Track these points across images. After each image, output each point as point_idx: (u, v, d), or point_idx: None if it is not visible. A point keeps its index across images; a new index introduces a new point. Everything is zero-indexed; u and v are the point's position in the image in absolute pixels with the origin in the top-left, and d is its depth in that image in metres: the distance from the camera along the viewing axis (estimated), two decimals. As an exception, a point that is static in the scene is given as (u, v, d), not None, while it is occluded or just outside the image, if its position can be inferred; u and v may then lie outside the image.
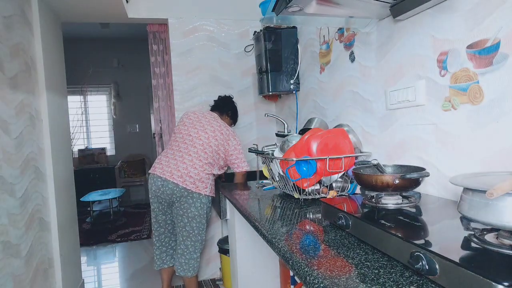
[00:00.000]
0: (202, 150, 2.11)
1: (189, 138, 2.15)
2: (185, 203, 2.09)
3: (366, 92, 1.54)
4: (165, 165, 2.11)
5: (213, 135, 2.14)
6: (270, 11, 1.26)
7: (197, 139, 2.14)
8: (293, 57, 2.28)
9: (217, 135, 2.15)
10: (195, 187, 2.07)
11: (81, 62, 5.79)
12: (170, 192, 2.07)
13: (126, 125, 6.15)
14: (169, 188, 2.06)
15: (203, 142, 2.12)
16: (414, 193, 1.02)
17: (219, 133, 2.16)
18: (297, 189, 1.39)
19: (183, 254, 2.16)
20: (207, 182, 2.12)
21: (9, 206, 1.68)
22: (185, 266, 2.16)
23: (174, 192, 2.06)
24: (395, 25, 1.32)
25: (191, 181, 2.07)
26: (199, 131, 2.15)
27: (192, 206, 2.09)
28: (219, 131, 2.16)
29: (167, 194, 2.08)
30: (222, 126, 2.20)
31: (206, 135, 2.15)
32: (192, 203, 2.09)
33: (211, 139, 2.13)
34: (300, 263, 0.75)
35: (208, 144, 2.12)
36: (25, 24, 2.01)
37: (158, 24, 2.85)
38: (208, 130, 2.16)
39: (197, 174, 2.08)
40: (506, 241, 0.62)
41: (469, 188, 0.65)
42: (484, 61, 0.96)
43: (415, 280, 0.63)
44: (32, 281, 1.88)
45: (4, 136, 1.69)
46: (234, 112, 2.44)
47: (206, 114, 2.25)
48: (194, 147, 2.12)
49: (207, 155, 2.11)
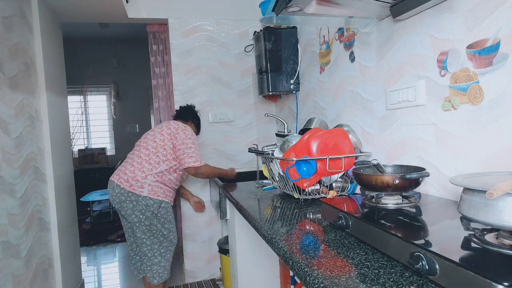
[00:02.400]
0: (144, 147, 2.05)
1: (138, 144, 2.13)
2: (127, 209, 2.00)
3: (366, 92, 1.54)
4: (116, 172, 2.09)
5: (159, 131, 2.08)
6: (270, 11, 1.26)
7: (143, 142, 2.10)
8: (293, 57, 2.28)
9: (164, 130, 2.07)
10: (129, 185, 1.98)
11: (81, 62, 5.79)
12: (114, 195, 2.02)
13: (126, 125, 6.15)
14: (113, 191, 2.02)
15: (147, 140, 2.07)
16: (414, 193, 1.02)
17: (166, 128, 2.08)
18: (297, 189, 1.39)
19: (143, 261, 2.07)
20: (144, 182, 2.00)
21: (9, 206, 1.68)
22: (149, 273, 2.06)
23: (116, 194, 2.00)
24: (395, 25, 1.32)
25: (125, 178, 2.00)
26: (147, 135, 2.12)
27: (135, 210, 2.00)
28: (166, 127, 2.09)
29: (113, 199, 2.04)
30: (171, 124, 2.11)
31: (152, 132, 2.10)
32: (133, 207, 1.99)
33: (157, 135, 2.07)
34: (300, 263, 0.75)
35: (153, 140, 2.05)
36: (24, 24, 2.01)
37: (158, 24, 2.84)
38: (156, 130, 2.11)
39: (132, 171, 2.01)
40: (506, 241, 0.62)
41: (469, 188, 0.65)
42: (484, 61, 0.95)
43: (415, 280, 0.63)
44: (32, 281, 1.88)
45: (4, 136, 1.69)
46: (198, 120, 2.37)
47: (161, 124, 2.20)
48: (138, 150, 2.08)
49: (148, 151, 2.03)
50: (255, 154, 1.98)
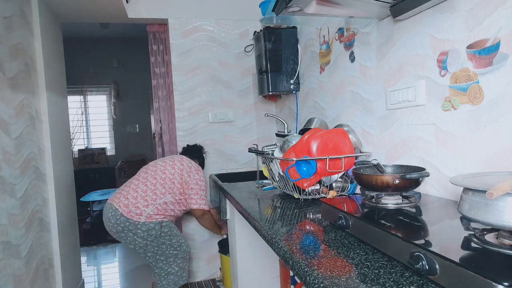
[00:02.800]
0: (151, 176, 2.03)
1: (144, 171, 2.12)
2: (126, 237, 1.99)
3: (366, 92, 1.54)
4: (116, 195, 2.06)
5: (171, 163, 2.09)
6: (270, 11, 1.26)
7: (151, 171, 2.08)
8: (293, 57, 2.28)
9: (176, 165, 2.08)
10: (127, 211, 1.94)
11: (81, 62, 5.79)
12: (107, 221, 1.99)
13: (126, 125, 6.15)
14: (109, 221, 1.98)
15: (156, 170, 2.07)
16: (414, 193, 1.02)
17: (179, 164, 2.08)
18: (297, 189, 1.39)
19: (159, 271, 2.11)
20: (143, 210, 1.97)
21: (9, 207, 1.68)
22: (164, 281, 2.11)
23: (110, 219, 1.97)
24: (395, 25, 1.32)
25: (125, 203, 1.97)
26: (157, 165, 2.10)
27: (136, 238, 1.98)
28: (179, 162, 2.10)
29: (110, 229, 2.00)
30: (185, 160, 2.13)
31: (162, 163, 2.09)
32: (133, 235, 1.98)
33: (168, 167, 2.07)
34: (300, 263, 0.75)
35: (162, 171, 2.05)
36: (25, 25, 2.01)
37: (158, 24, 2.84)
38: (168, 162, 2.10)
39: (134, 198, 1.98)
40: (506, 241, 0.62)
41: (469, 188, 0.65)
42: (484, 61, 0.96)
43: (415, 280, 0.63)
44: (32, 281, 1.88)
45: (4, 136, 1.69)
46: (203, 160, 2.42)
47: (173, 156, 2.21)
48: (145, 178, 2.06)
49: (156, 180, 2.02)
50: (255, 154, 1.98)
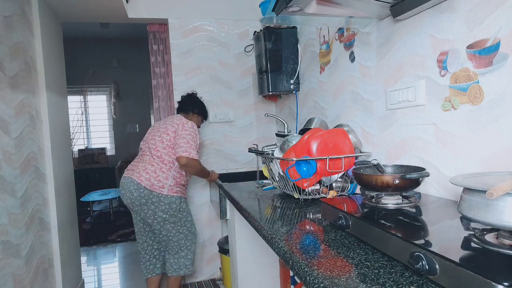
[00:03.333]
0: (154, 149, 2.10)
1: (146, 141, 2.17)
2: (148, 210, 2.06)
3: (366, 92, 1.54)
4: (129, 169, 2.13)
5: (165, 131, 2.13)
6: (270, 11, 1.26)
7: (152, 140, 2.14)
8: (293, 57, 2.28)
9: (168, 129, 2.13)
10: (150, 184, 2.03)
11: (81, 62, 5.79)
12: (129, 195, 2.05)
13: (126, 125, 6.15)
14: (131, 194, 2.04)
15: (156, 141, 2.12)
16: (414, 193, 1.02)
17: (170, 127, 2.13)
18: (297, 189, 1.39)
19: (170, 256, 2.17)
20: (165, 183, 2.07)
21: (9, 206, 1.68)
22: (175, 266, 2.17)
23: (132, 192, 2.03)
24: (395, 25, 1.32)
25: (146, 177, 2.04)
26: (154, 134, 2.15)
27: (157, 211, 2.06)
28: (171, 125, 2.14)
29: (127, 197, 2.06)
30: (175, 120, 2.17)
31: (158, 133, 2.14)
32: (155, 208, 2.05)
33: (163, 135, 2.12)
34: (300, 263, 0.75)
35: (160, 141, 2.11)
36: (25, 24, 2.01)
37: (158, 24, 2.84)
38: (161, 129, 2.15)
39: (153, 171, 2.06)
40: (506, 241, 0.62)
41: (469, 188, 0.65)
42: (484, 61, 0.96)
43: (415, 280, 0.63)
44: (32, 281, 1.88)
45: (4, 136, 1.69)
46: (201, 109, 2.37)
47: (167, 119, 2.24)
48: (148, 148, 2.13)
49: (159, 152, 2.09)
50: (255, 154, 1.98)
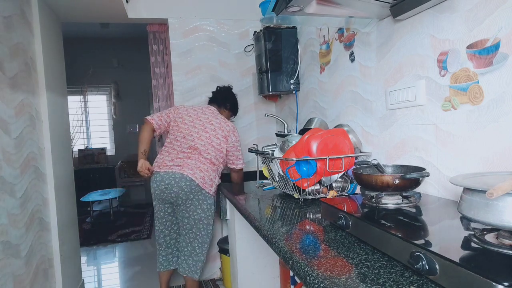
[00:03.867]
0: (205, 152, 2.09)
1: (191, 139, 2.10)
2: (191, 205, 2.05)
3: (366, 92, 1.54)
4: (168, 160, 2.06)
5: (214, 133, 2.12)
6: (270, 11, 1.26)
7: (199, 139, 2.10)
8: (293, 57, 2.28)
9: (218, 133, 2.12)
10: (203, 183, 2.04)
11: (81, 62, 5.79)
12: (177, 189, 2.00)
13: (126, 125, 6.15)
14: (176, 185, 1.99)
15: (205, 143, 2.10)
16: (414, 193, 1.02)
17: (220, 131, 2.13)
18: (297, 189, 1.39)
19: (190, 255, 2.14)
20: (214, 181, 2.10)
21: (9, 206, 1.68)
22: (193, 268, 2.15)
23: (183, 188, 1.99)
24: (395, 25, 1.32)
25: (201, 175, 2.03)
26: (200, 131, 2.11)
27: (198, 208, 2.06)
28: (220, 128, 2.14)
29: (174, 192, 2.01)
30: (222, 123, 2.16)
31: (207, 134, 2.12)
32: (198, 205, 2.06)
33: (213, 138, 2.10)
34: (300, 263, 0.75)
35: (210, 144, 2.10)
36: (25, 24, 2.01)
37: (158, 24, 2.84)
38: (209, 129, 2.13)
39: (205, 170, 2.07)
40: (506, 241, 0.62)
41: (469, 188, 0.65)
42: (484, 61, 0.96)
43: (415, 280, 0.63)
44: (32, 281, 1.88)
45: (4, 136, 1.69)
46: (233, 104, 2.37)
47: (205, 110, 2.21)
48: (196, 148, 2.08)
49: (210, 155, 2.09)
50: (255, 154, 1.98)
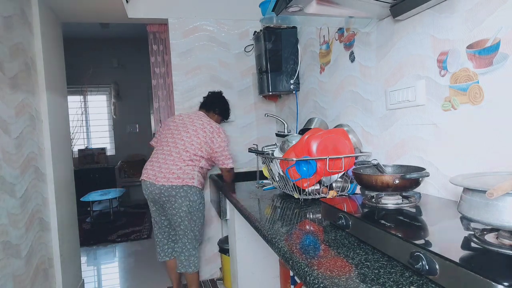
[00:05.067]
0: (183, 150, 2.14)
1: (172, 140, 2.19)
2: (175, 203, 2.12)
3: (366, 92, 1.54)
4: (150, 169, 2.18)
5: (195, 133, 2.17)
6: (270, 11, 1.26)
7: (179, 139, 2.17)
8: (293, 57, 2.28)
9: (199, 133, 2.17)
10: (181, 181, 2.10)
11: (81, 62, 5.79)
12: (158, 192, 2.11)
13: (126, 125, 6.15)
14: (157, 188, 2.10)
15: (185, 142, 2.15)
16: (414, 193, 1.02)
17: (202, 131, 2.17)
18: (297, 189, 1.39)
19: (182, 251, 2.22)
20: (192, 174, 2.14)
21: (9, 206, 1.68)
22: (186, 262, 2.23)
23: (162, 192, 2.10)
24: (395, 25, 1.32)
25: (174, 177, 2.10)
26: (181, 132, 2.18)
27: (183, 204, 2.12)
28: (202, 129, 2.18)
29: (156, 194, 2.13)
30: (205, 124, 2.20)
31: (187, 134, 2.17)
32: (182, 202, 2.11)
33: (193, 138, 2.16)
34: (300, 263, 0.75)
35: (190, 142, 2.15)
36: (25, 24, 2.01)
37: (158, 24, 2.84)
38: (190, 129, 2.18)
39: (179, 168, 2.12)
40: (506, 241, 0.62)
41: (469, 188, 0.65)
42: (484, 61, 0.95)
43: (415, 280, 0.63)
44: (32, 281, 1.88)
45: (4, 136, 1.69)
46: (222, 109, 2.41)
47: (190, 115, 2.28)
48: (176, 147, 2.15)
49: (189, 153, 2.14)
50: (255, 154, 1.98)
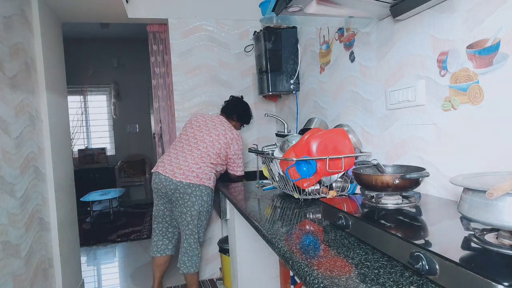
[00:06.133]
0: (205, 153, 2.16)
1: (194, 141, 2.20)
2: (188, 201, 2.11)
3: (366, 92, 1.54)
4: (167, 163, 2.16)
5: (217, 138, 2.20)
6: (270, 11, 1.26)
7: (202, 141, 2.19)
8: (293, 57, 2.28)
9: (221, 139, 2.20)
10: (199, 180, 2.11)
11: (81, 62, 5.79)
12: (174, 188, 2.10)
13: (126, 125, 6.15)
14: (173, 184, 2.10)
15: (207, 145, 2.18)
16: (414, 193, 1.02)
17: (223, 137, 2.21)
18: (297, 189, 1.39)
19: (186, 252, 2.21)
20: (210, 175, 2.16)
21: (9, 206, 1.68)
22: (188, 263, 2.22)
23: (178, 188, 2.10)
24: (395, 25, 1.32)
25: (194, 175, 2.11)
26: (204, 134, 2.20)
27: (196, 203, 2.12)
28: (223, 135, 2.21)
29: (171, 189, 2.11)
30: (227, 130, 2.23)
31: (210, 138, 2.20)
32: (195, 201, 2.11)
33: (215, 142, 2.19)
34: (300, 263, 0.75)
35: (212, 146, 2.18)
36: (25, 24, 2.01)
37: (158, 24, 2.84)
38: (213, 133, 2.21)
39: (199, 168, 2.13)
40: (506, 241, 0.62)
41: (469, 188, 0.65)
42: (484, 61, 0.95)
43: (415, 280, 0.63)
44: (32, 281, 1.88)
45: (4, 136, 1.69)
46: (242, 115, 2.41)
47: (213, 118, 2.31)
48: (198, 149, 2.17)
49: (210, 157, 2.17)
50: (255, 154, 1.98)
